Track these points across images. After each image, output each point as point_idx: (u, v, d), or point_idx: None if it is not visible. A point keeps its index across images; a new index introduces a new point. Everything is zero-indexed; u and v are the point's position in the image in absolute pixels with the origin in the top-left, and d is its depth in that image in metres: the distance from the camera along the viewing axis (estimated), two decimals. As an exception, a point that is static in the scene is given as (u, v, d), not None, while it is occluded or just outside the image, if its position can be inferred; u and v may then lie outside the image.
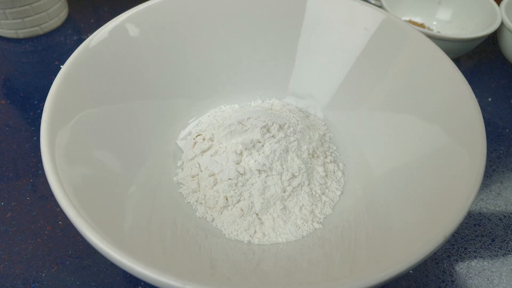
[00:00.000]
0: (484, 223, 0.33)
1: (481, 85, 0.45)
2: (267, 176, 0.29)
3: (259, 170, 0.29)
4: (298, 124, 0.32)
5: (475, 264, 0.30)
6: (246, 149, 0.29)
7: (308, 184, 0.30)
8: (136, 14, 0.31)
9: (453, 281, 0.29)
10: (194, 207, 0.29)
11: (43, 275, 0.28)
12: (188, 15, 0.33)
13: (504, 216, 0.33)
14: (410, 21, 0.50)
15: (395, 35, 0.31)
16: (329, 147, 0.33)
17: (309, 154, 0.31)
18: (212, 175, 0.29)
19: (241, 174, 0.29)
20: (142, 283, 0.28)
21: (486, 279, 0.30)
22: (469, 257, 0.31)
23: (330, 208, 0.30)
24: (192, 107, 0.35)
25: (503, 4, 0.44)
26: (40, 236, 0.30)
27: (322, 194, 0.30)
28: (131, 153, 0.29)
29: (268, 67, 0.36)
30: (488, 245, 0.32)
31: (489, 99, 0.43)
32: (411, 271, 0.30)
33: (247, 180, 0.28)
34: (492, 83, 0.45)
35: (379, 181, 0.29)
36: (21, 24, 0.45)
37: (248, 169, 0.28)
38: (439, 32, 0.48)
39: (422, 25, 0.49)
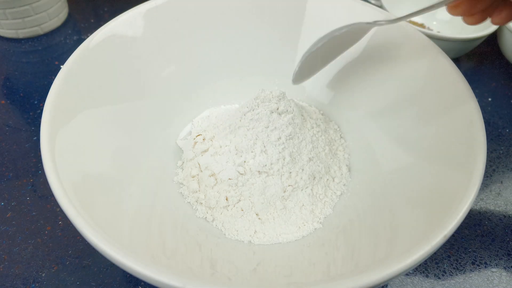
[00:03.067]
0: (484, 223, 0.33)
1: (481, 85, 0.45)
2: (267, 176, 0.29)
3: (259, 171, 0.29)
4: (298, 125, 0.32)
5: (475, 264, 0.30)
6: (246, 149, 0.29)
7: (308, 184, 0.30)
8: (136, 14, 0.31)
9: (453, 281, 0.29)
10: (194, 207, 0.29)
11: (43, 275, 0.28)
12: (188, 15, 0.33)
13: (504, 216, 0.33)
14: (410, 21, 0.50)
15: (395, 35, 0.31)
16: (329, 148, 0.33)
17: (309, 154, 0.31)
18: (212, 175, 0.29)
19: (241, 174, 0.29)
20: (142, 283, 0.28)
21: (486, 279, 0.30)
22: (469, 257, 0.31)
23: (330, 208, 0.30)
24: (192, 107, 0.35)
25: None
26: (40, 236, 0.30)
27: (322, 194, 0.30)
28: (131, 153, 0.29)
29: (269, 67, 0.36)
30: (488, 245, 0.32)
31: (489, 99, 0.43)
32: (411, 271, 0.30)
33: (247, 180, 0.28)
34: (492, 83, 0.45)
35: (379, 181, 0.29)
36: (21, 24, 0.45)
37: (248, 169, 0.28)
38: (439, 32, 0.48)
39: (422, 25, 0.49)
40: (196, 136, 0.32)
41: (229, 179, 0.28)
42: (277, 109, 0.29)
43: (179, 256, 0.24)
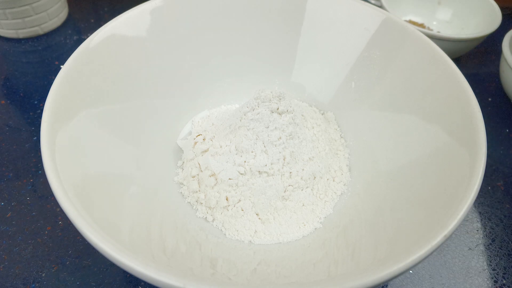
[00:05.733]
0: (484, 223, 0.33)
1: (481, 85, 0.45)
2: (268, 176, 0.29)
3: (259, 170, 0.28)
4: (298, 124, 0.32)
5: (475, 264, 0.30)
6: (246, 149, 0.29)
7: (309, 184, 0.30)
8: (136, 14, 0.31)
9: (453, 281, 0.29)
10: (194, 207, 0.29)
11: (43, 275, 0.28)
12: (188, 15, 0.33)
13: (504, 216, 0.33)
14: (410, 21, 0.50)
15: (395, 35, 0.31)
16: (329, 147, 0.33)
17: (309, 153, 0.31)
18: (213, 175, 0.29)
19: (241, 174, 0.29)
20: (142, 283, 0.28)
21: (486, 279, 0.30)
22: (469, 257, 0.31)
23: (331, 207, 0.30)
24: (192, 107, 0.35)
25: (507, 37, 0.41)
26: (40, 236, 0.30)
27: (323, 194, 0.30)
28: (131, 153, 0.29)
29: (269, 67, 0.36)
30: (488, 245, 0.32)
31: (489, 99, 0.43)
32: (411, 271, 0.30)
33: (248, 180, 0.28)
34: (492, 83, 0.45)
35: (379, 181, 0.29)
36: (21, 24, 0.45)
37: (248, 169, 0.28)
38: (439, 32, 0.48)
39: (422, 25, 0.50)
40: (196, 136, 0.32)
41: (229, 179, 0.28)
42: (277, 109, 0.29)
43: (179, 256, 0.24)
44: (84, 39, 0.28)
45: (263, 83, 0.36)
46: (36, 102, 0.40)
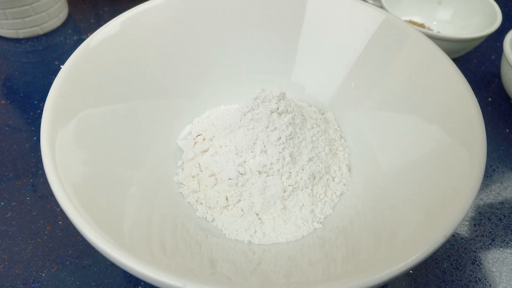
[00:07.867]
0: (484, 223, 0.33)
1: (481, 85, 0.45)
2: (267, 176, 0.29)
3: (259, 171, 0.29)
4: (298, 125, 0.32)
5: (475, 264, 0.30)
6: (246, 149, 0.29)
7: (308, 184, 0.30)
8: (136, 14, 0.31)
9: (453, 281, 0.29)
10: (194, 207, 0.29)
11: (43, 275, 0.28)
12: (188, 15, 0.33)
13: (504, 216, 0.33)
14: (410, 21, 0.50)
15: (395, 35, 0.31)
16: (329, 147, 0.33)
17: (309, 154, 0.31)
18: (213, 175, 0.29)
19: (241, 174, 0.29)
20: (142, 283, 0.28)
21: (486, 279, 0.30)
22: (469, 257, 0.31)
23: (330, 208, 0.30)
24: (192, 107, 0.35)
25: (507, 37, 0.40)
26: (40, 236, 0.30)
27: (322, 194, 0.30)
28: (131, 153, 0.29)
29: (268, 67, 0.36)
30: (488, 245, 0.32)
31: (489, 99, 0.43)
32: (411, 271, 0.30)
33: (247, 180, 0.28)
34: (492, 83, 0.45)
35: (379, 181, 0.29)
36: (21, 24, 0.45)
37: (248, 169, 0.29)
38: (439, 32, 0.48)
39: (422, 25, 0.50)
40: (196, 136, 0.32)
41: (229, 179, 0.28)
42: (277, 109, 0.29)
43: (179, 256, 0.24)
44: (84, 39, 0.28)
45: (263, 83, 0.36)
46: (36, 102, 0.40)
